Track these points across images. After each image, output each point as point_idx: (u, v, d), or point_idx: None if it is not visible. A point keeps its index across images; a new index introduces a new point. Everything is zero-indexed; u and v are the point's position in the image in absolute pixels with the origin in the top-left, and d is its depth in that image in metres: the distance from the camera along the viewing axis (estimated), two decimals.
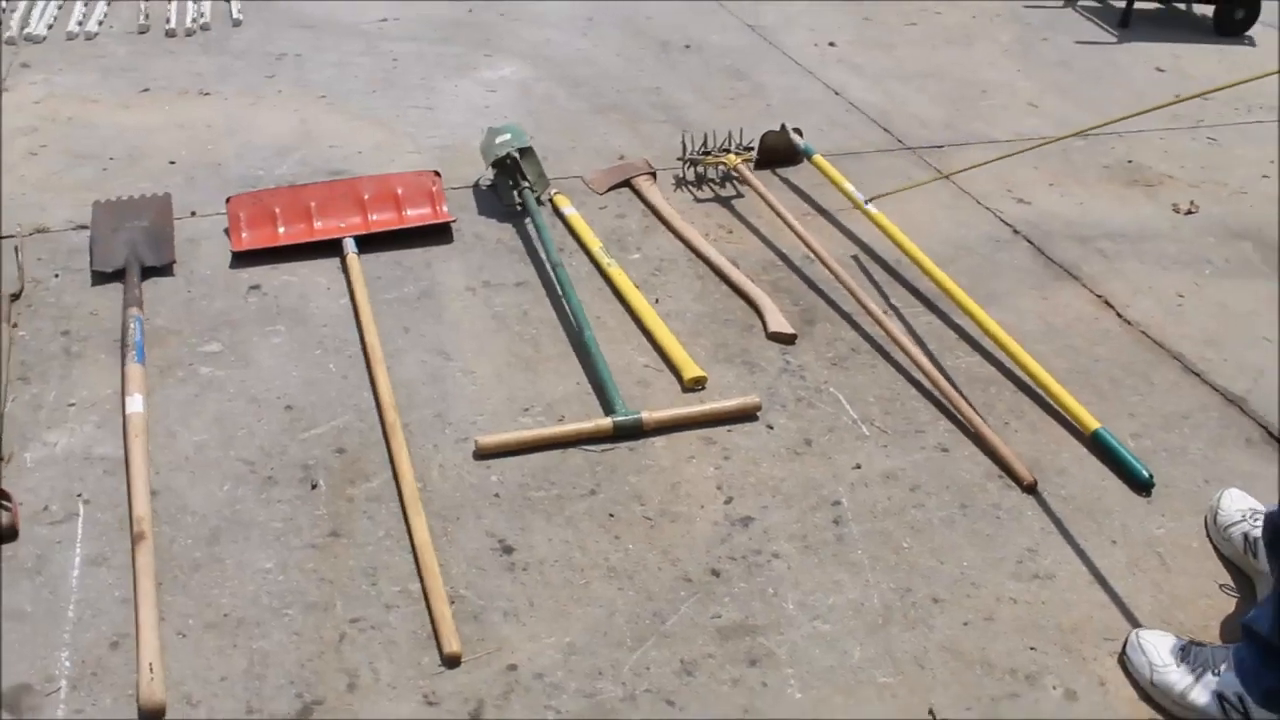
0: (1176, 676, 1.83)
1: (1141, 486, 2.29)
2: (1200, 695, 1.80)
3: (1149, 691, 1.86)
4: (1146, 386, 2.59)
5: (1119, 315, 2.85)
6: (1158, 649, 1.88)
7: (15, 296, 2.65)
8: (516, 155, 3.00)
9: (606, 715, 1.76)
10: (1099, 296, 2.91)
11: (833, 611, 1.97)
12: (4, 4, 4.25)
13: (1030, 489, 2.26)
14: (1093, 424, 2.40)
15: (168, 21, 4.21)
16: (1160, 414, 2.51)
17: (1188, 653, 1.85)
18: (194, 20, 4.22)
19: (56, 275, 2.76)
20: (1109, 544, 2.16)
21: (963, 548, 2.13)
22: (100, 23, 4.18)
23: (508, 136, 3.06)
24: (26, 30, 4.06)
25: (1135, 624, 1.98)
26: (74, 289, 2.71)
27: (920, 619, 1.98)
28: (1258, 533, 2.02)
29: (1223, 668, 1.80)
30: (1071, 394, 2.47)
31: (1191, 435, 2.45)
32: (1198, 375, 2.64)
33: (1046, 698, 1.85)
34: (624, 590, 1.98)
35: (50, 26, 4.12)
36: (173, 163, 3.29)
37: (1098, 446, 2.37)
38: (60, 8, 4.27)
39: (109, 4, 4.34)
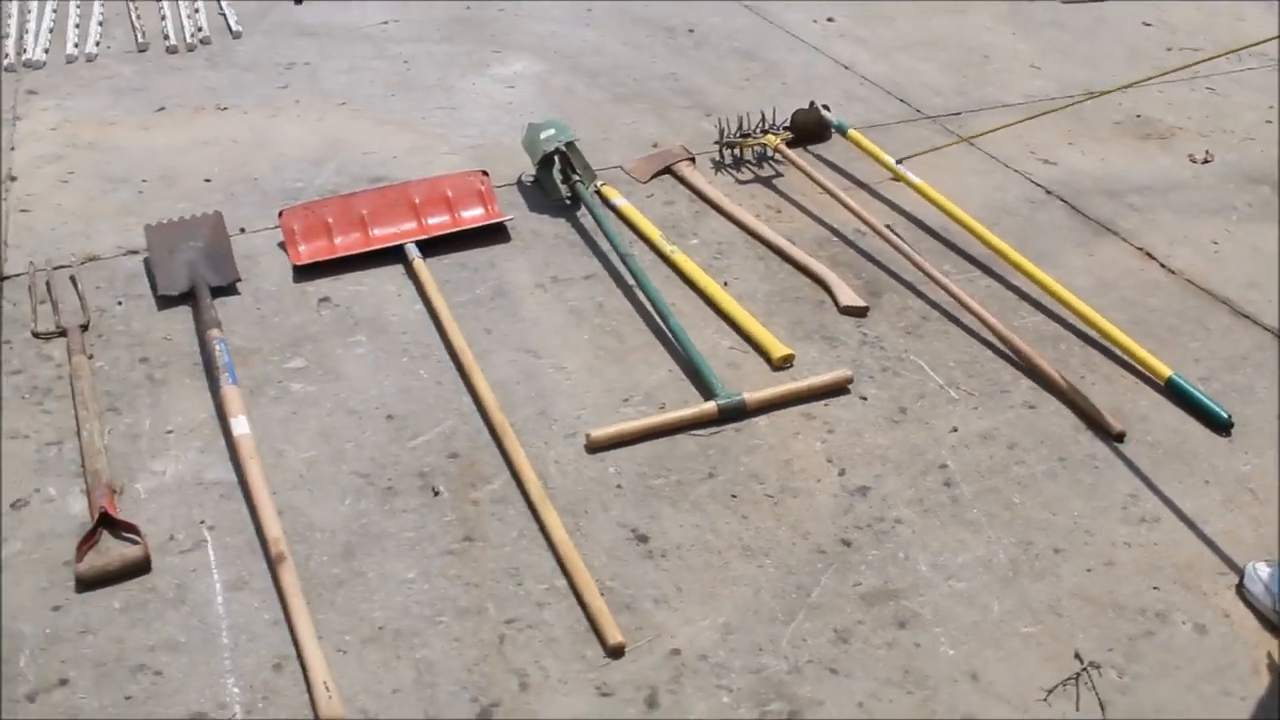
0: None
1: (1221, 427, 2.39)
2: None
3: (1272, 619, 1.96)
4: (1203, 332, 2.70)
5: (1162, 266, 2.95)
6: (1275, 577, 1.98)
7: (84, 328, 2.63)
8: (565, 149, 3.03)
9: (776, 689, 1.82)
10: (1140, 249, 3.02)
11: (964, 570, 2.05)
12: (16, 30, 4.17)
13: (1119, 438, 2.36)
14: (1165, 371, 2.50)
15: (166, 38, 4.15)
16: (1221, 357, 2.61)
17: None
18: (193, 34, 4.16)
19: (119, 303, 2.73)
20: (1202, 484, 2.26)
21: (1069, 499, 2.21)
22: (97, 44, 4.11)
23: (552, 131, 3.08)
24: (25, 57, 3.98)
25: (1244, 558, 2.08)
26: (141, 315, 2.69)
27: (1046, 569, 2.06)
28: None
29: None
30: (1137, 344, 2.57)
31: (1255, 375, 2.56)
32: (1248, 318, 2.75)
33: (1179, 633, 1.94)
34: (763, 567, 2.04)
35: (47, 51, 4.04)
36: (208, 180, 3.27)
37: (1173, 393, 2.47)
38: (51, 32, 4.18)
39: (101, 25, 4.26)
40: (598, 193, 3.08)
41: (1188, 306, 2.79)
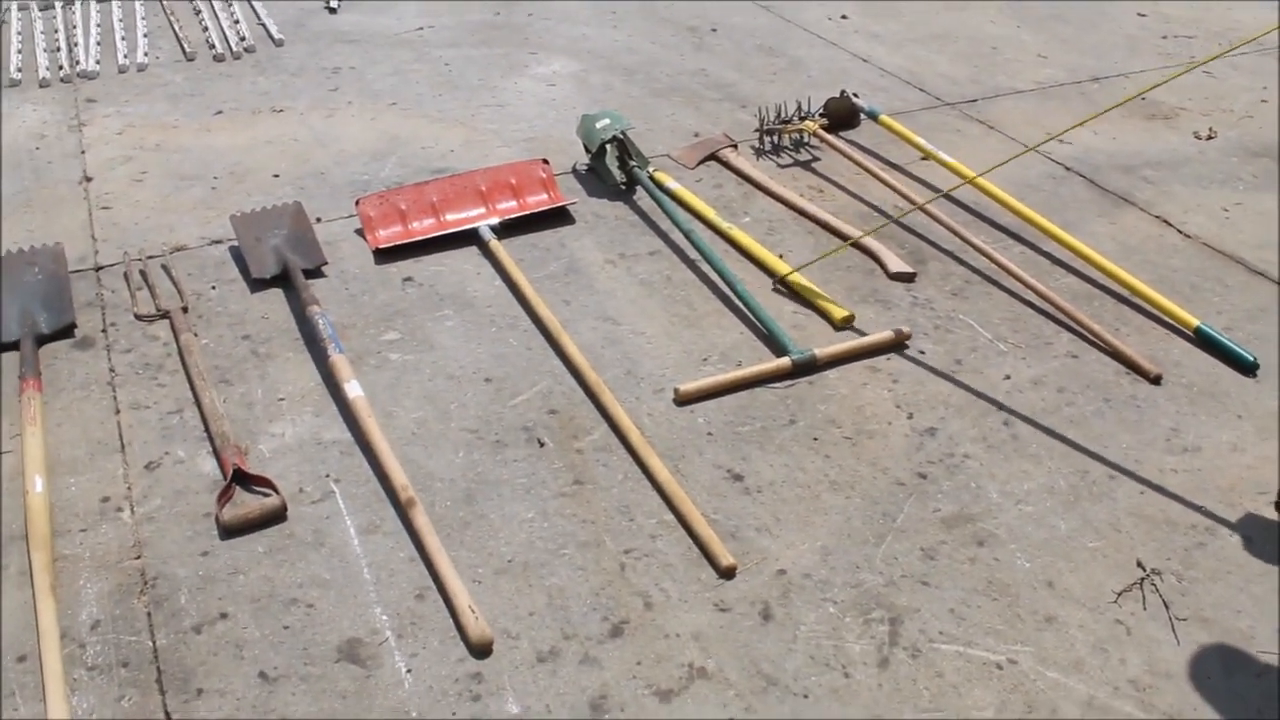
0: None
1: (1248, 369, 2.62)
2: None
3: None
4: (1223, 288, 2.93)
5: (1179, 231, 3.19)
6: None
7: (184, 310, 2.80)
8: (623, 136, 3.23)
9: (876, 599, 2.02)
10: (1157, 217, 3.25)
11: (1030, 495, 2.26)
12: (65, 44, 4.33)
13: (1156, 380, 2.58)
14: (1193, 321, 2.72)
15: (212, 47, 4.33)
16: (1242, 309, 2.84)
17: None
18: (238, 43, 4.34)
19: (213, 287, 2.91)
20: (1235, 419, 2.48)
21: (1117, 433, 2.43)
22: (146, 54, 4.28)
23: (608, 121, 3.29)
24: (79, 68, 4.14)
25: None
26: (236, 297, 2.86)
27: (1103, 493, 2.27)
28: None
29: None
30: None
31: (1274, 323, 2.79)
32: (1262, 274, 2.98)
33: (1228, 543, 2.16)
34: (850, 499, 2.24)
35: (99, 62, 4.21)
36: (276, 176, 3.44)
37: (1202, 340, 2.70)
38: (99, 44, 4.35)
39: (146, 36, 4.43)
40: (651, 178, 3.28)
41: (1206, 266, 3.02)
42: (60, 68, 4.16)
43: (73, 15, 4.62)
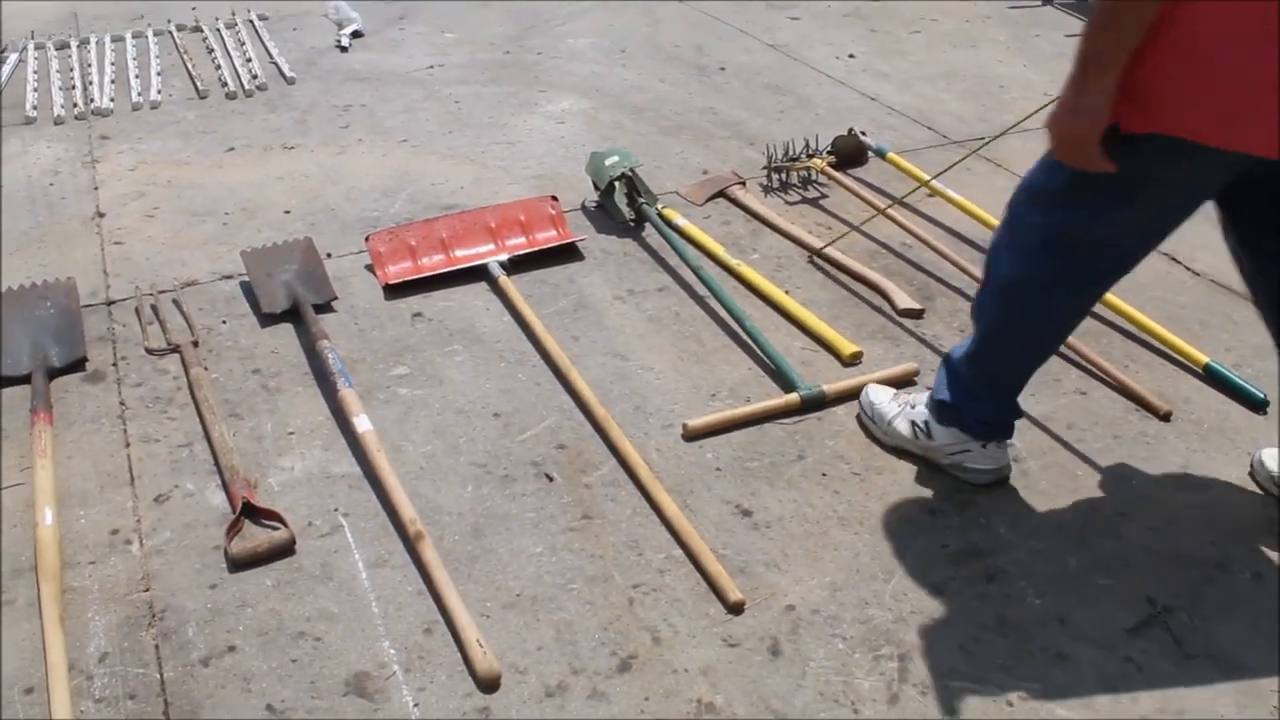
0: None
1: (1258, 406, 2.61)
2: None
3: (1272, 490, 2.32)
4: (1231, 325, 2.93)
5: (1187, 268, 3.20)
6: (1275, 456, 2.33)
7: (194, 344, 2.81)
8: (632, 173, 3.26)
9: (885, 636, 2.01)
10: (1165, 254, 3.26)
11: (1039, 531, 2.25)
12: (80, 81, 4.38)
13: (1166, 417, 2.57)
14: (1202, 358, 2.73)
15: (224, 85, 4.38)
16: (1251, 346, 2.84)
17: None
18: (250, 81, 4.39)
19: (224, 322, 2.92)
20: (1246, 455, 2.47)
21: (1127, 470, 2.42)
22: (159, 92, 4.33)
23: (616, 158, 3.31)
24: (94, 105, 4.19)
25: None
26: (246, 332, 2.88)
27: (1113, 529, 2.26)
28: None
29: None
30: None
31: None
32: None
33: (1239, 580, 2.15)
34: (859, 534, 2.24)
35: (113, 100, 4.25)
36: (287, 212, 3.47)
37: (1211, 377, 2.70)
38: (113, 83, 4.41)
39: (159, 75, 4.49)
40: (660, 214, 3.30)
41: (1214, 303, 3.02)
42: (75, 105, 4.21)
43: (88, 54, 4.68)
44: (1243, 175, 1.90)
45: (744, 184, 3.54)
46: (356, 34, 4.97)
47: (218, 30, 4.97)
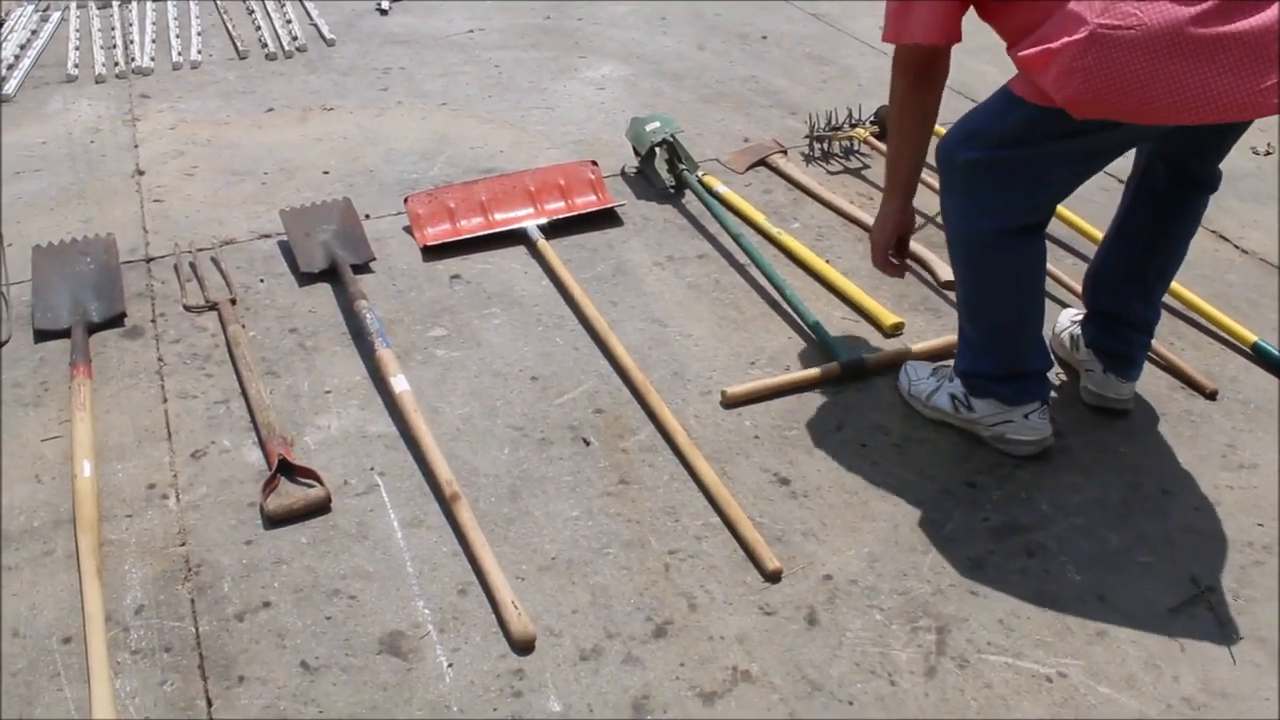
0: None
1: None
2: None
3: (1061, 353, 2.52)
4: None
5: (1236, 246, 3.13)
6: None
7: (232, 302, 2.81)
8: (672, 139, 3.22)
9: (923, 608, 1.99)
10: (1214, 232, 3.19)
11: (1081, 508, 2.22)
12: (121, 41, 4.39)
13: (1212, 396, 2.52)
14: (1250, 337, 2.67)
15: (264, 46, 4.37)
16: None
17: None
18: (290, 43, 4.38)
19: (262, 280, 2.92)
20: None
21: (1171, 448, 2.38)
22: (199, 52, 4.32)
23: (658, 124, 3.28)
24: (134, 65, 4.19)
25: None
26: (283, 291, 2.88)
27: (1156, 508, 2.22)
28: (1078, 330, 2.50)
29: None
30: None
31: None
32: None
33: None
34: (898, 506, 2.21)
35: (153, 59, 4.26)
36: (326, 173, 3.46)
37: (1259, 355, 2.64)
38: (154, 42, 4.41)
39: (200, 35, 4.48)
40: (700, 181, 3.27)
41: (1263, 282, 2.96)
42: (116, 64, 4.21)
43: (129, 13, 4.68)
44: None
45: (785, 152, 3.50)
46: None
47: None
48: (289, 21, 4.59)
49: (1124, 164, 2.35)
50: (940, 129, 2.47)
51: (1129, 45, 1.78)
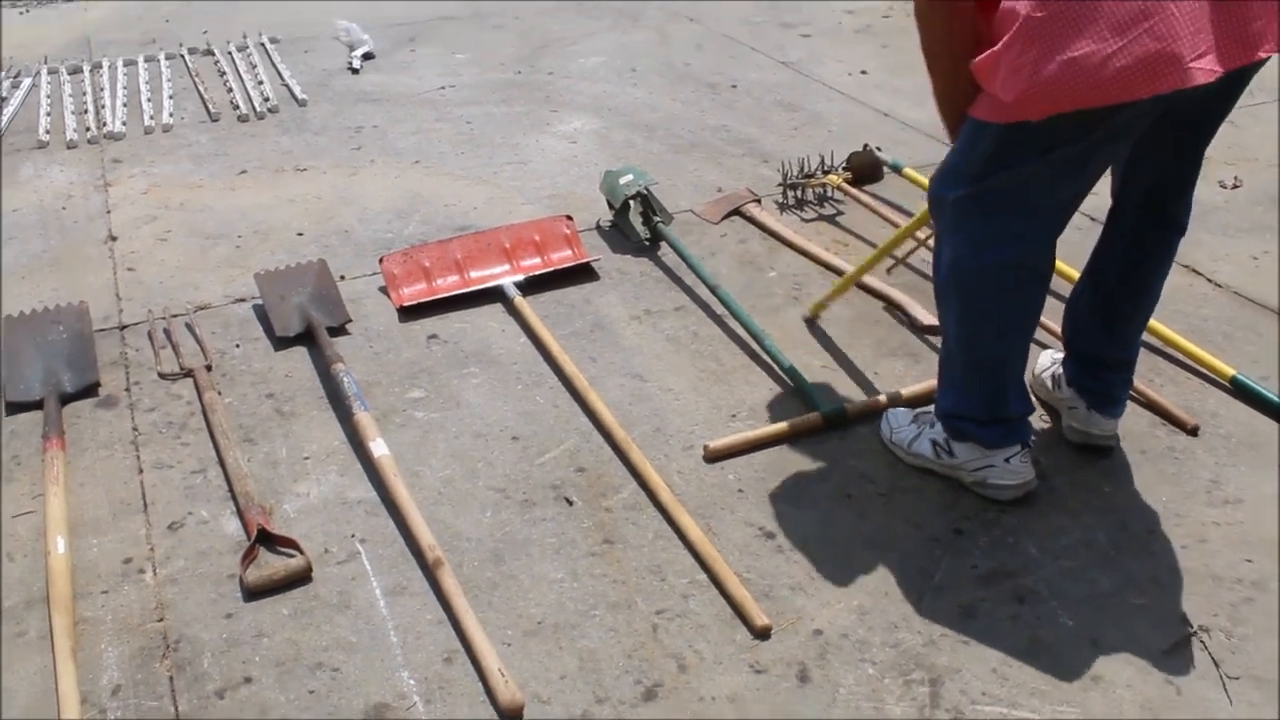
0: None
1: None
2: None
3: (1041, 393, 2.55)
4: (1256, 337, 2.89)
5: (1209, 280, 3.16)
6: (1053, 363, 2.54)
7: (208, 368, 2.79)
8: (646, 191, 3.23)
9: (915, 660, 1.96)
10: (1187, 266, 3.22)
11: (1069, 551, 2.20)
12: (93, 106, 4.38)
13: (1194, 432, 2.53)
14: (1228, 371, 2.68)
15: (236, 108, 4.37)
16: (1277, 357, 2.80)
17: None
18: (262, 104, 4.38)
19: (237, 345, 2.90)
20: (1277, 469, 2.43)
21: (1155, 486, 2.38)
22: (171, 115, 4.32)
23: (631, 177, 3.29)
24: (106, 129, 4.19)
25: None
26: (259, 356, 2.85)
27: (1144, 548, 2.22)
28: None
29: None
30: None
31: None
32: None
33: (1277, 599, 2.10)
34: (885, 556, 2.19)
35: (124, 123, 4.25)
36: (300, 234, 3.45)
37: (1239, 390, 2.65)
38: (126, 106, 4.40)
39: (171, 98, 4.48)
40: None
41: (1238, 315, 2.98)
42: (88, 129, 4.20)
43: (100, 78, 4.68)
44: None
45: (759, 201, 3.51)
46: (368, 56, 4.97)
47: (229, 53, 4.97)
48: (260, 83, 4.60)
49: (1093, 202, 2.36)
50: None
51: (1063, 25, 1.75)
